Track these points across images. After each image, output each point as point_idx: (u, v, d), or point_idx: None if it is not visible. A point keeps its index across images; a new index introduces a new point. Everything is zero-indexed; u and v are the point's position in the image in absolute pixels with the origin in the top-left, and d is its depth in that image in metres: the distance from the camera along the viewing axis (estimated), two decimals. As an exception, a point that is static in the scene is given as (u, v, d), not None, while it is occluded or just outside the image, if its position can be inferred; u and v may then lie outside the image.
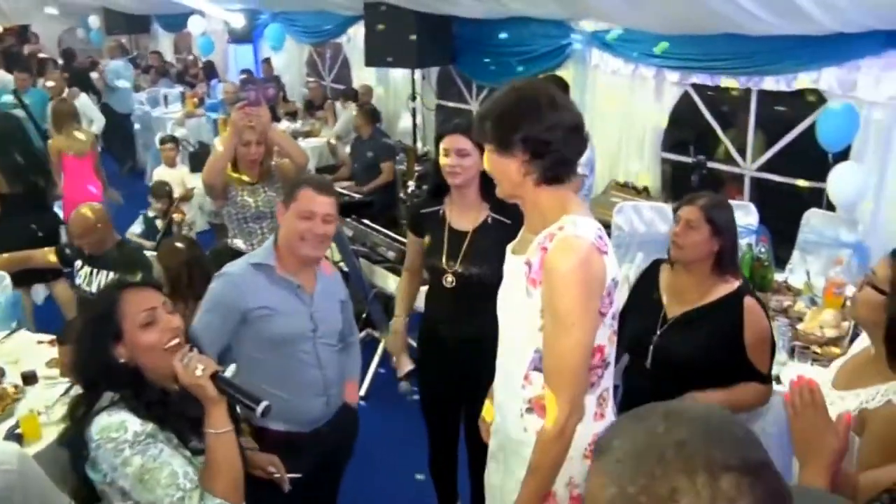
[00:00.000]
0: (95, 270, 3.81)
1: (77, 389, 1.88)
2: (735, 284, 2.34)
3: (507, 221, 2.56)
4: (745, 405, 2.38)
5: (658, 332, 2.40)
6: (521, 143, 1.65)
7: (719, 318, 2.31)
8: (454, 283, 2.60)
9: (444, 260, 2.63)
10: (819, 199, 4.39)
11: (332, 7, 8.08)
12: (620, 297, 1.82)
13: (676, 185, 5.48)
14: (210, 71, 10.42)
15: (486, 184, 2.57)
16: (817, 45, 4.10)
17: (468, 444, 2.92)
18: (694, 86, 5.14)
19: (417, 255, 2.84)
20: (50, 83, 7.68)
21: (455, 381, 2.75)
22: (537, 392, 1.76)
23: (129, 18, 12.50)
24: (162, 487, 1.65)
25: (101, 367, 1.73)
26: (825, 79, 4.21)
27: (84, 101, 7.51)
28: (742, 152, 5.05)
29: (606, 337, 1.74)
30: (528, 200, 1.74)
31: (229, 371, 2.01)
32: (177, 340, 1.77)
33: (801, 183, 4.65)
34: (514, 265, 1.79)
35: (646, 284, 2.55)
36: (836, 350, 2.89)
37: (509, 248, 1.89)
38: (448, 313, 2.70)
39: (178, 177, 6.34)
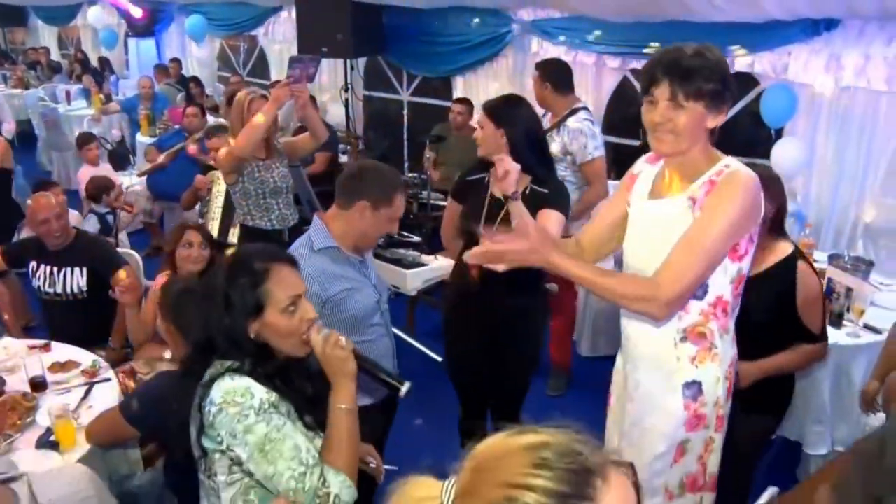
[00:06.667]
0: (57, 269, 3.55)
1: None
2: (789, 249, 2.47)
3: (544, 191, 2.69)
4: (802, 368, 2.59)
5: None
6: (728, 96, 1.76)
7: (775, 283, 2.43)
8: None
9: (482, 225, 2.59)
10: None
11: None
12: None
13: (619, 166, 5.77)
14: (106, 67, 9.84)
15: (522, 158, 2.62)
16: (752, 31, 4.46)
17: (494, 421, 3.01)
18: (633, 71, 5.44)
19: (456, 221, 2.92)
20: None
21: (484, 345, 2.84)
22: (694, 320, 1.84)
23: (1, 9, 11.62)
24: (284, 460, 1.56)
25: (229, 337, 1.64)
26: (759, 63, 4.60)
27: None
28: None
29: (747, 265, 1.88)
30: (695, 151, 1.80)
31: None
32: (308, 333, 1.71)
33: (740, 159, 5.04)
34: (670, 206, 1.84)
35: None
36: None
37: (647, 193, 1.94)
38: (479, 280, 2.74)
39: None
